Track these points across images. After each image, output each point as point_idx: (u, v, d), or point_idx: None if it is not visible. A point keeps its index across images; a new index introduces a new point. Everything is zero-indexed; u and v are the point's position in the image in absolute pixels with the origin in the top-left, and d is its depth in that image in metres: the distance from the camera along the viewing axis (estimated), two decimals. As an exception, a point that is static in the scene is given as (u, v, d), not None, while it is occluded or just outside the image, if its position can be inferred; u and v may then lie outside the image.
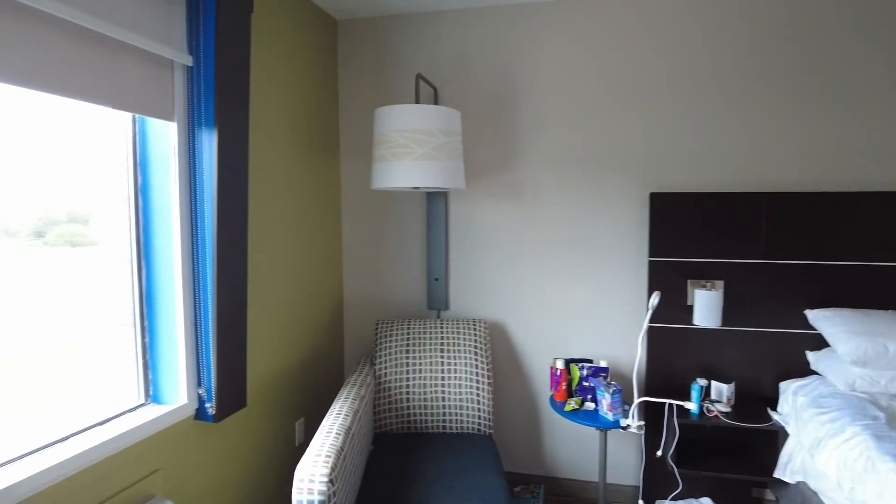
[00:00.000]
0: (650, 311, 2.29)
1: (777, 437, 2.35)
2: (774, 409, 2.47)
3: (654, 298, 2.28)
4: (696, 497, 2.63)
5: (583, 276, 2.83)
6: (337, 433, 1.90)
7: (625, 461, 2.84)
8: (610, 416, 2.39)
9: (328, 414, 2.09)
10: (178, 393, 1.90)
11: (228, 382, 1.96)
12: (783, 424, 2.31)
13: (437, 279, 2.98)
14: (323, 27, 2.86)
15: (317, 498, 1.61)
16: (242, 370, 2.05)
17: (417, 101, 2.62)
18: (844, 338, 2.25)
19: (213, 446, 2.04)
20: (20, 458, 1.44)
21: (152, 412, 1.80)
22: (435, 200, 2.95)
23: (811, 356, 2.48)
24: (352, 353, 3.16)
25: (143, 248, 1.90)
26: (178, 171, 1.88)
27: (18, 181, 1.52)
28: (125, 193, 1.86)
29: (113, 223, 1.84)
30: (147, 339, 1.92)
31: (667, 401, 2.30)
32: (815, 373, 2.50)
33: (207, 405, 1.93)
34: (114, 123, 1.81)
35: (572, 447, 2.90)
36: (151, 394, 1.92)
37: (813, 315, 2.47)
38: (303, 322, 2.69)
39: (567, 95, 2.78)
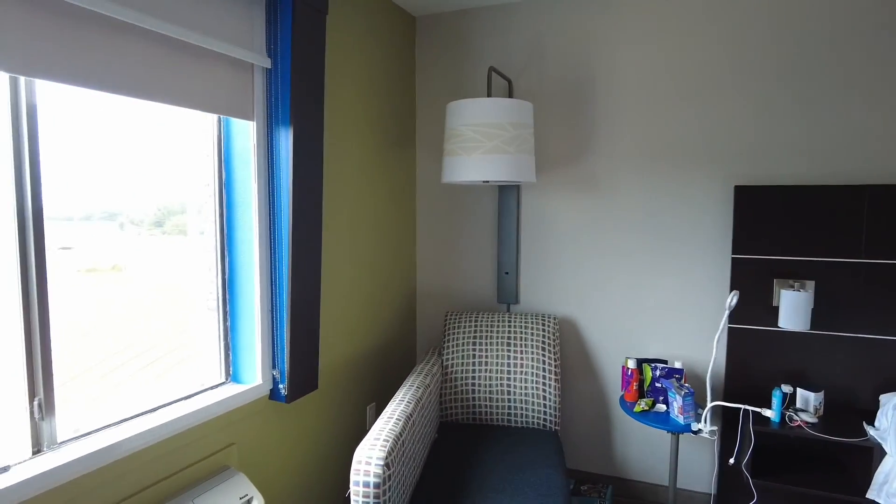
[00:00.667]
0: (728, 311, 2.16)
1: (872, 453, 2.15)
2: (871, 423, 2.26)
3: (733, 298, 2.15)
4: (778, 511, 2.46)
5: (660, 273, 2.72)
6: (397, 419, 1.97)
7: (698, 466, 2.71)
8: (681, 420, 2.29)
9: (392, 400, 2.17)
10: (255, 373, 2.05)
11: (300, 365, 2.09)
12: (880, 441, 2.11)
13: (507, 273, 2.98)
14: (401, 24, 2.93)
15: (372, 480, 1.68)
16: (314, 354, 2.17)
17: (489, 95, 2.63)
18: (957, 349, 2.01)
19: (285, 425, 2.19)
20: (120, 422, 1.63)
21: (231, 390, 1.95)
22: (507, 194, 2.95)
23: (917, 367, 2.25)
24: (424, 343, 3.24)
25: (226, 238, 2.06)
26: (256, 167, 2.01)
27: (134, 176, 1.71)
28: (212, 188, 2.03)
29: (202, 215, 2.01)
30: (228, 323, 2.08)
31: (742, 406, 2.17)
32: (921, 386, 2.26)
33: (280, 386, 2.06)
34: (202, 124, 1.97)
35: (643, 449, 2.81)
36: (231, 373, 2.08)
37: (921, 322, 2.23)
38: (376, 311, 2.80)
39: (644, 85, 2.67)
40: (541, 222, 2.92)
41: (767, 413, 2.11)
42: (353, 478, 1.70)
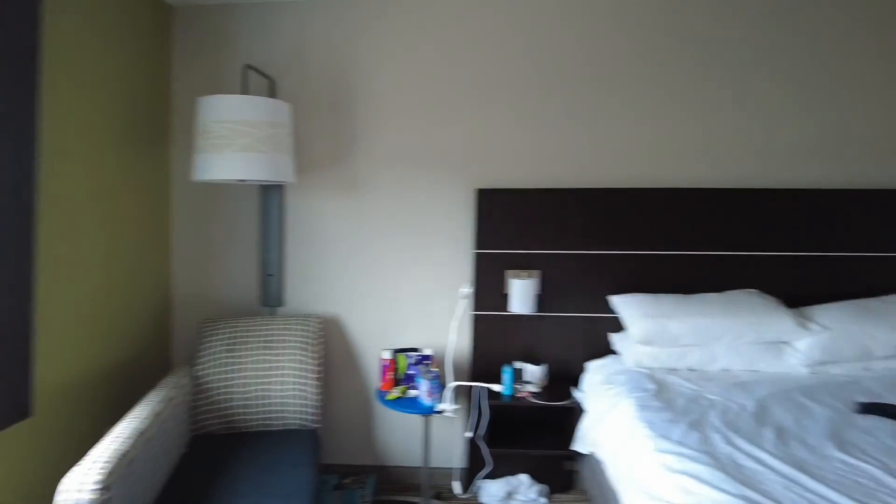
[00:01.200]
0: (463, 301, 2.41)
1: (576, 412, 2.57)
2: (579, 388, 2.70)
3: (466, 289, 2.40)
4: (516, 474, 2.80)
5: (414, 268, 2.92)
6: (128, 437, 1.83)
7: (452, 445, 2.96)
8: (429, 402, 2.48)
9: (123, 418, 2.00)
10: (-62, 401, 1.73)
11: (3, 389, 1.82)
12: (581, 401, 2.53)
13: (270, 275, 2.94)
14: (154, 13, 2.72)
15: (82, 506, 1.53)
16: (25, 374, 1.90)
17: (245, 92, 2.57)
18: (636, 320, 2.50)
19: (-11, 459, 1.88)
20: None
21: None
22: (270, 194, 2.91)
23: (612, 338, 2.74)
24: (183, 355, 3.03)
25: None
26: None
27: None
28: None
29: None
30: None
31: (475, 384, 2.43)
32: (617, 353, 2.75)
33: (-26, 413, 1.77)
34: None
35: (401, 436, 2.98)
36: None
37: (615, 300, 2.71)
38: (119, 322, 2.54)
39: (401, 94, 2.85)
40: (306, 223, 2.94)
41: (497, 388, 2.39)
42: (58, 507, 1.53)
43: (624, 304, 2.64)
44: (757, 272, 2.75)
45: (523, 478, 2.76)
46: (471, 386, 2.69)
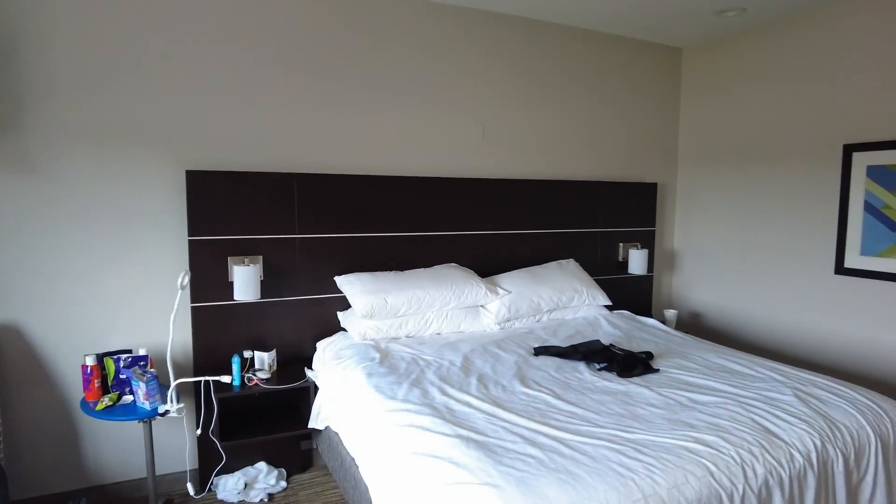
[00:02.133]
0: (181, 291, 2.25)
1: (310, 391, 2.65)
2: (311, 367, 2.79)
3: (184, 277, 2.26)
4: (252, 463, 2.77)
5: (118, 260, 2.59)
6: None
7: (179, 447, 2.77)
8: (147, 405, 2.28)
9: None
10: None
11: None
12: (314, 379, 2.62)
13: None
14: None
15: None
16: None
17: None
18: (359, 297, 2.68)
19: None
20: None
21: None
22: None
23: (340, 315, 2.89)
24: None
25: None
26: None
27: None
28: None
29: None
30: None
31: (202, 378, 2.32)
32: (345, 330, 2.91)
33: None
34: None
35: (119, 448, 2.66)
36: None
37: (339, 280, 2.86)
38: None
39: (88, 53, 2.45)
40: (-42, 213, 2.35)
41: (226, 379, 2.32)
42: None
43: (347, 283, 2.81)
44: (455, 249, 3.22)
45: (261, 465, 2.74)
46: (196, 381, 2.54)
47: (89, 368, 2.36)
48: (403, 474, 1.68)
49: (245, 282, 2.59)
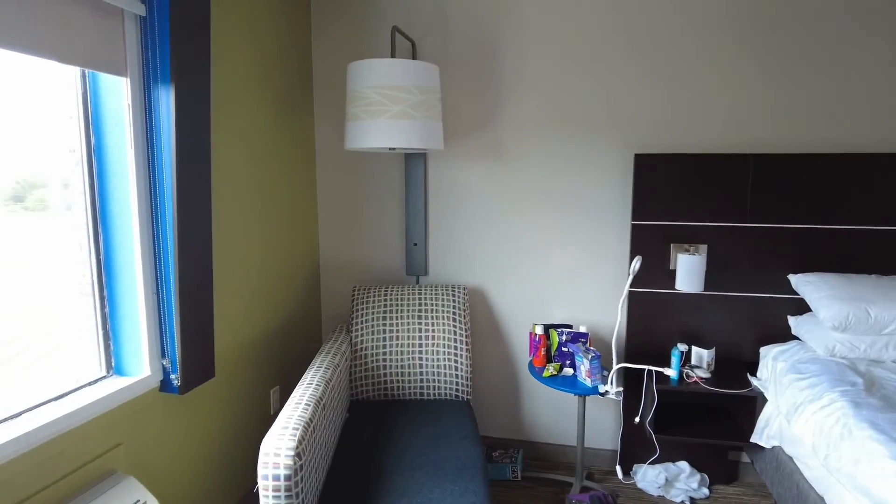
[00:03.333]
0: (631, 276, 2.23)
1: (756, 402, 2.34)
2: (754, 374, 2.46)
3: (636, 263, 2.22)
4: (674, 461, 2.64)
5: (564, 239, 2.76)
6: (307, 404, 1.85)
7: (604, 426, 2.84)
8: (588, 382, 2.36)
9: (299, 384, 2.04)
10: (142, 364, 1.83)
11: (194, 352, 1.89)
12: (762, 390, 2.30)
13: (415, 244, 2.90)
14: (292, -24, 2.69)
15: (283, 472, 1.56)
16: (209, 339, 1.97)
17: (393, 56, 2.49)
18: (827, 303, 2.21)
19: (180, 419, 1.99)
20: (-33, 435, 1.37)
21: (114, 385, 1.72)
22: (413, 162, 2.85)
23: (792, 321, 2.46)
24: (330, 320, 3.10)
25: (99, 212, 1.79)
26: (132, 130, 1.76)
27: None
28: (79, 155, 1.74)
29: (70, 187, 1.72)
30: (107, 309, 1.83)
31: (646, 367, 2.27)
32: (795, 338, 2.48)
33: (172, 376, 1.86)
34: (64, 79, 1.67)
35: (551, 412, 2.89)
36: (114, 365, 1.84)
37: (796, 280, 2.43)
38: (275, 289, 2.61)
39: (550, 51, 2.65)
40: (448, 191, 2.85)
41: (669, 372, 2.22)
42: (260, 471, 1.57)
43: (808, 284, 2.35)
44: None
45: (683, 465, 2.59)
46: (635, 368, 2.53)
47: (538, 337, 2.58)
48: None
49: (688, 271, 2.42)
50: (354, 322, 2.63)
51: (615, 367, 2.27)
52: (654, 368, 2.25)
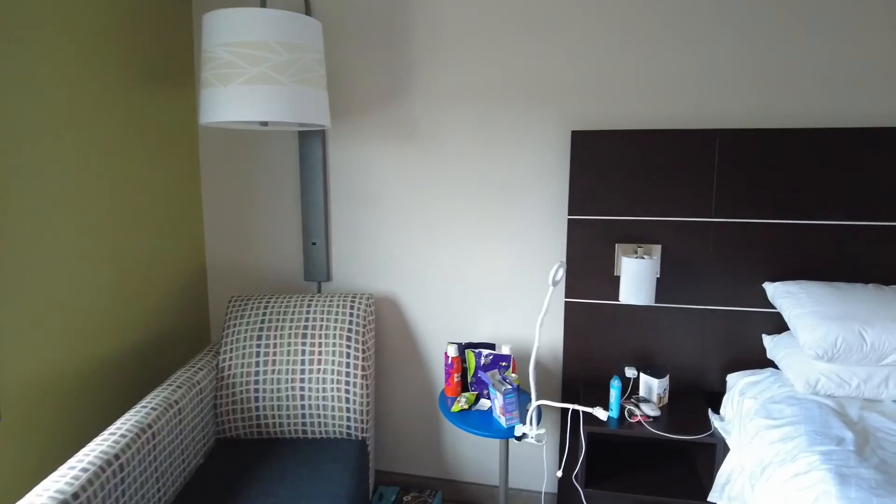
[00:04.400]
0: (552, 288, 1.71)
1: (716, 449, 1.82)
2: (718, 408, 1.94)
3: (557, 271, 1.70)
4: (621, 511, 2.13)
5: (492, 238, 2.24)
6: (122, 434, 1.37)
7: (535, 463, 2.33)
8: (503, 421, 1.84)
9: (100, 434, 1.53)
10: None
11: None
12: (724, 434, 1.78)
13: (314, 243, 2.38)
14: None
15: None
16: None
17: (264, 5, 1.96)
18: (810, 322, 1.69)
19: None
20: None
21: None
22: (309, 142, 2.32)
23: (768, 341, 1.94)
24: (221, 334, 2.59)
25: None
26: None
27: None
28: None
29: None
30: None
31: (571, 406, 1.75)
32: (771, 363, 1.96)
33: None
34: None
35: (476, 447, 2.38)
36: None
37: (773, 289, 1.91)
38: (136, 298, 2.10)
39: (471, 10, 2.12)
40: (354, 179, 2.33)
41: (600, 415, 1.70)
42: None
43: (788, 296, 1.83)
44: None
45: (631, 520, 2.08)
46: (562, 408, 2.01)
47: (450, 359, 2.06)
48: None
49: (636, 279, 1.90)
50: (225, 341, 2.12)
51: (533, 404, 1.75)
52: (581, 408, 1.73)
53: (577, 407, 1.71)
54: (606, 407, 1.90)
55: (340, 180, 2.34)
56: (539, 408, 1.80)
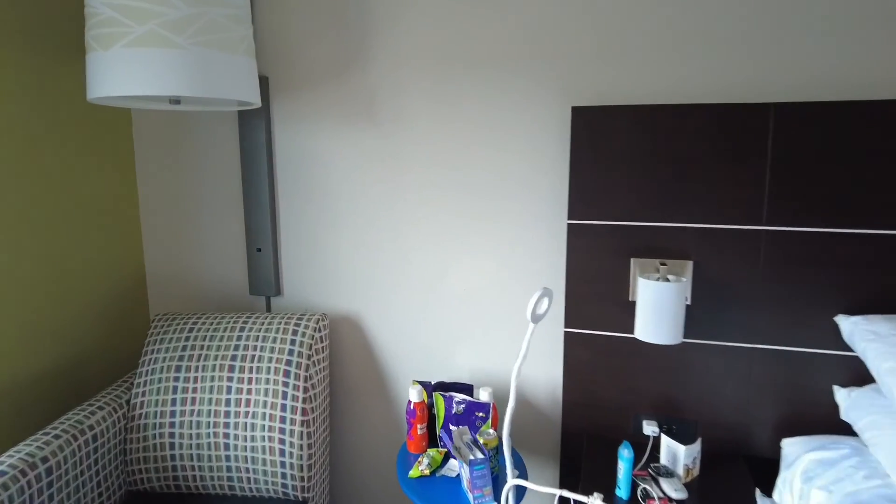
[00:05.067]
0: (532, 327, 1.22)
1: (766, 548, 1.31)
2: (769, 490, 1.43)
3: (540, 303, 1.21)
4: None
5: (473, 245, 1.76)
6: None
7: (533, 533, 1.86)
8: (470, 498, 1.38)
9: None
10: None
11: None
12: (778, 534, 1.27)
13: (259, 249, 1.95)
14: None
15: None
16: None
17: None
18: (907, 377, 1.16)
19: None
20: None
21: None
22: (251, 126, 1.88)
23: (843, 396, 1.40)
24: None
25: None
26: None
27: None
28: None
29: None
30: None
31: (558, 492, 1.26)
32: (846, 426, 1.42)
33: None
34: None
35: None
36: None
37: (852, 326, 1.37)
38: (55, 314, 1.71)
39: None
40: (306, 171, 1.88)
41: (596, 504, 1.20)
42: None
43: (876, 341, 1.30)
44: None
45: None
46: (541, 487, 1.53)
47: (412, 405, 1.60)
48: None
49: (657, 307, 1.39)
50: (140, 371, 1.72)
51: (509, 482, 1.27)
52: (573, 496, 1.24)
53: (566, 494, 1.22)
54: (614, 482, 1.41)
55: (289, 172, 1.89)
56: (514, 490, 1.33)
